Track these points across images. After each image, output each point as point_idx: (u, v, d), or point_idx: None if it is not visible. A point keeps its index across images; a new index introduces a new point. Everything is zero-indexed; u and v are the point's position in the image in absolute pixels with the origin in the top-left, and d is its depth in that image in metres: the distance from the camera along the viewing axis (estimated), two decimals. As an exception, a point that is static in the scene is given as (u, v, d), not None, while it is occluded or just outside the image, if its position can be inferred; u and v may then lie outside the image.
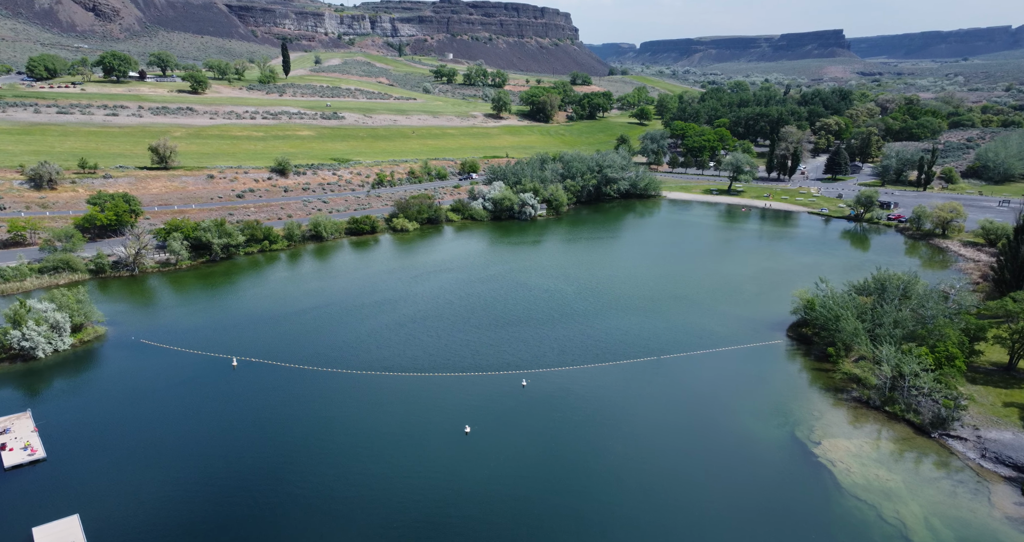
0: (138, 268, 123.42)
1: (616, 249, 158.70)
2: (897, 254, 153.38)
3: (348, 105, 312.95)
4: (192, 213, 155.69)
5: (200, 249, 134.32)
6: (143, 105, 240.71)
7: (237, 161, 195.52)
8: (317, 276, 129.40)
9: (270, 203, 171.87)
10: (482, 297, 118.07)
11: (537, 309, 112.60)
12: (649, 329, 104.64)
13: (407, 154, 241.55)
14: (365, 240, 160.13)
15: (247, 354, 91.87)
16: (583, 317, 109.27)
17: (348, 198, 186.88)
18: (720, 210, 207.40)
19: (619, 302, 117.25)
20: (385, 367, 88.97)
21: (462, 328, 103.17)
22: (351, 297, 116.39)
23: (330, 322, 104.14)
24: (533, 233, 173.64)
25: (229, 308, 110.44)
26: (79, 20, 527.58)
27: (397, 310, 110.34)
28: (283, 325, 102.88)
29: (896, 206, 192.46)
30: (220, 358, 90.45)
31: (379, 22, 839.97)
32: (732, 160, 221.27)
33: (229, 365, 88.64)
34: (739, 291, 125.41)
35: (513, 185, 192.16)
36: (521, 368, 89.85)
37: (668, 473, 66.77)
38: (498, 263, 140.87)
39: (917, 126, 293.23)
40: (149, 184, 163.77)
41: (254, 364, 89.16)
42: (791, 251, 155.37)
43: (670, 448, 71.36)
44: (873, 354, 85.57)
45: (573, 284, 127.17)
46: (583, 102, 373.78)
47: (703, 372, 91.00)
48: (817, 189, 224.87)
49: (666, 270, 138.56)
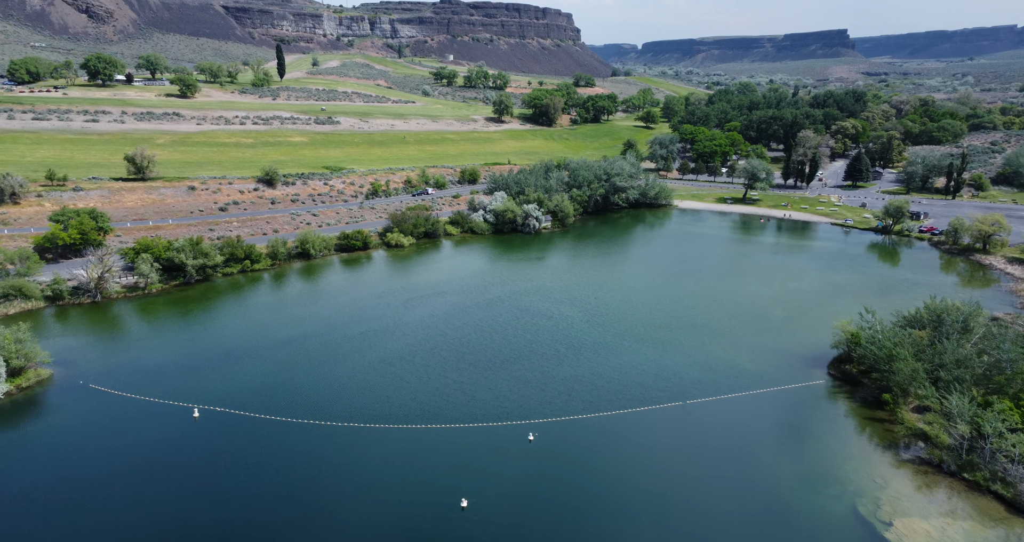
0: (101, 294, 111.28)
1: (626, 266, 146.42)
2: (934, 272, 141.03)
3: (344, 109, 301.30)
4: (169, 229, 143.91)
5: (173, 271, 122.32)
6: (127, 110, 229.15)
7: (223, 170, 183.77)
8: (299, 301, 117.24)
9: (255, 217, 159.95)
10: (480, 327, 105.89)
11: (541, 341, 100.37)
12: (669, 366, 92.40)
13: (404, 161, 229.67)
14: (357, 257, 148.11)
15: (211, 401, 79.79)
16: (593, 351, 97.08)
17: (340, 210, 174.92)
18: (735, 220, 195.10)
19: (633, 331, 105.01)
20: (369, 417, 76.84)
21: (457, 366, 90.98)
22: (335, 327, 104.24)
23: (308, 359, 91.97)
24: (537, 248, 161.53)
25: (197, 341, 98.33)
26: (72, 22, 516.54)
27: (384, 344, 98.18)
28: (256, 362, 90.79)
29: (926, 216, 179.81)
30: (180, 407, 78.32)
31: (378, 23, 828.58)
32: (748, 167, 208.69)
33: (190, 415, 76.60)
34: (766, 316, 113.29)
35: (516, 195, 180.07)
36: (525, 417, 77.75)
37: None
38: (498, 284, 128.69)
39: (937, 129, 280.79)
40: (124, 197, 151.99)
41: (218, 415, 77.04)
42: (817, 268, 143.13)
43: (707, 527, 59.10)
44: (941, 405, 73.04)
45: (581, 309, 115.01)
46: (587, 105, 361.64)
47: (737, 422, 78.76)
48: (838, 197, 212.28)
49: (682, 291, 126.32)
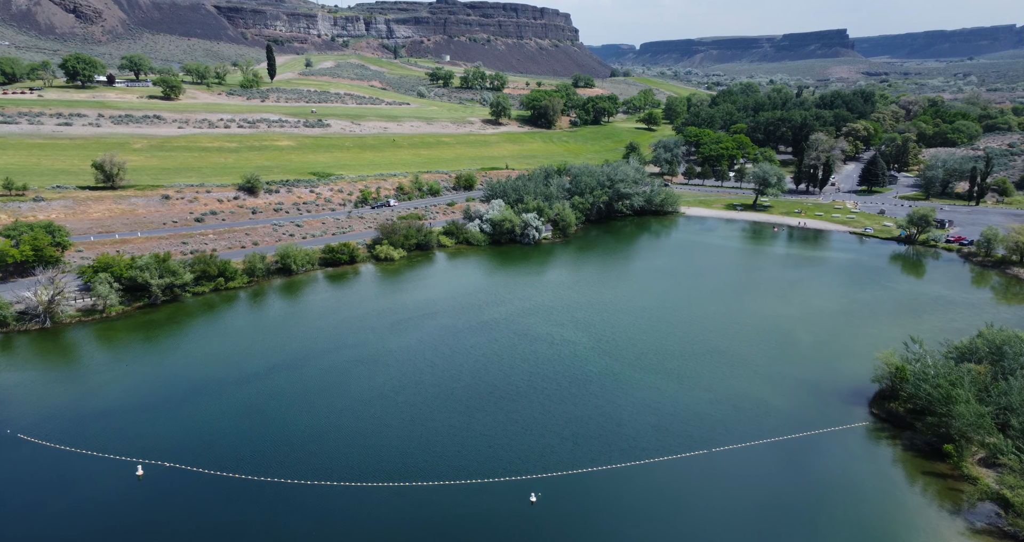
0: (52, 319, 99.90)
1: (633, 282, 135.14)
2: (968, 287, 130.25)
3: (335, 111, 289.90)
4: (137, 242, 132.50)
5: (137, 291, 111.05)
6: (104, 113, 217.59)
7: (202, 177, 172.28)
8: (275, 326, 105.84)
9: (233, 228, 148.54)
10: (473, 355, 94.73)
11: (542, 373, 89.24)
12: (688, 404, 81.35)
13: (397, 166, 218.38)
14: (342, 272, 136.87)
15: (161, 453, 68.57)
16: (601, 385, 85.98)
17: (326, 220, 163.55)
18: (746, 229, 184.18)
19: (644, 360, 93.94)
20: (343, 473, 65.66)
21: (446, 406, 79.79)
22: (311, 357, 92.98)
23: (278, 399, 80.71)
24: (537, 260, 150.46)
25: (153, 376, 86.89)
26: (58, 22, 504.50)
27: (366, 378, 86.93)
28: (218, 402, 79.51)
29: (951, 224, 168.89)
30: (122, 463, 67.08)
31: (374, 23, 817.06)
32: (758, 172, 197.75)
33: (133, 473, 65.40)
34: (791, 341, 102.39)
35: (514, 203, 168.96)
36: (525, 470, 66.73)
37: None
38: (494, 304, 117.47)
39: (952, 131, 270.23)
40: (89, 207, 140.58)
41: (166, 472, 65.83)
42: (841, 283, 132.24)
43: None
44: (1021, 462, 61.98)
45: (585, 333, 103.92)
46: (587, 106, 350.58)
47: (771, 476, 67.76)
48: (854, 203, 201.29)
49: (696, 311, 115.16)
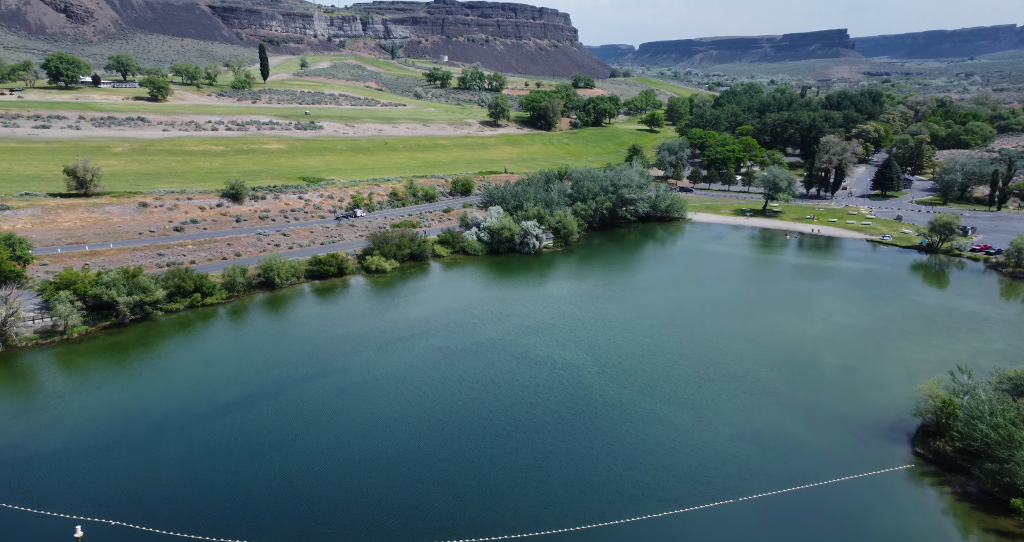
0: (4, 342, 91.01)
1: (640, 296, 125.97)
2: (1000, 301, 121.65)
3: (328, 113, 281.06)
4: (109, 254, 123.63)
5: (104, 309, 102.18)
6: (85, 115, 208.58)
7: (184, 183, 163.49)
8: (252, 348, 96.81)
9: (215, 238, 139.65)
10: (467, 382, 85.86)
11: (543, 403, 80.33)
12: (708, 442, 72.54)
13: (391, 170, 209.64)
14: (330, 286, 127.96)
15: (106, 508, 59.63)
16: (608, 418, 77.18)
17: (315, 229, 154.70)
18: (757, 236, 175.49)
19: (656, 388, 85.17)
20: (313, 534, 56.83)
21: (436, 446, 70.76)
22: (291, 385, 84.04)
23: (247, 439, 71.67)
24: (537, 271, 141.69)
25: (109, 411, 77.64)
26: (49, 22, 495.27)
27: (349, 410, 78.00)
28: (178, 444, 70.53)
29: (974, 231, 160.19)
30: (60, 521, 58.20)
31: (371, 23, 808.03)
32: (768, 176, 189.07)
33: (71, 536, 56.52)
34: (816, 364, 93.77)
35: (513, 210, 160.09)
36: (524, 526, 58.13)
37: None
38: (491, 321, 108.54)
39: (965, 132, 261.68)
40: (59, 217, 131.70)
41: (110, 531, 56.95)
42: (863, 297, 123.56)
43: None
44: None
45: (589, 355, 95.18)
46: (588, 108, 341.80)
47: (807, 531, 58.98)
48: (868, 209, 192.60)
49: (709, 329, 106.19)
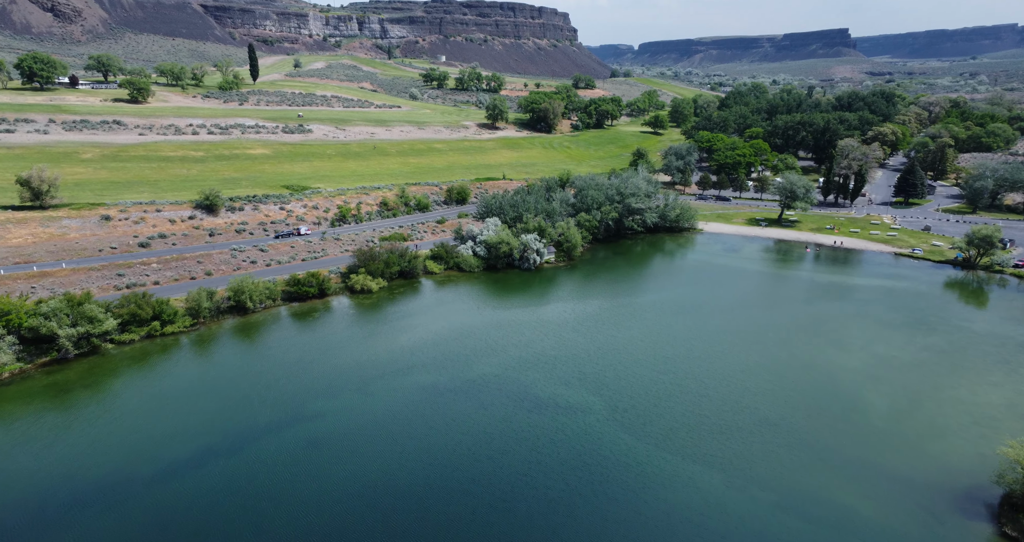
0: (-78, 389, 78.44)
1: (651, 320, 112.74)
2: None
3: (319, 115, 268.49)
4: (61, 275, 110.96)
5: (44, 343, 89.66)
6: (56, 118, 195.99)
7: (156, 192, 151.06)
8: (212, 388, 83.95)
9: (184, 255, 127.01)
10: (457, 434, 73.11)
11: (545, 463, 67.49)
12: (742, 514, 60.07)
13: (383, 176, 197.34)
14: (310, 309, 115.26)
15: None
16: (622, 484, 64.38)
17: (296, 243, 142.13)
18: (774, 248, 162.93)
19: (676, 439, 72.59)
20: None
21: (416, 523, 58.19)
22: (254, 437, 71.32)
23: (196, 512, 59.01)
24: (537, 290, 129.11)
25: (27, 475, 64.67)
26: (35, 21, 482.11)
27: (319, 473, 65.27)
28: (105, 522, 57.85)
29: (1012, 244, 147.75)
30: None
31: (367, 23, 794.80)
32: (785, 183, 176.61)
33: None
34: (860, 407, 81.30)
35: (512, 222, 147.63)
36: None
37: None
38: (487, 353, 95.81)
39: (985, 134, 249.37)
40: (8, 232, 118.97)
41: None
42: (902, 321, 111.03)
43: None
44: None
45: (598, 396, 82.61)
46: (589, 109, 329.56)
47: None
48: (892, 218, 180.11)
49: (732, 363, 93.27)
